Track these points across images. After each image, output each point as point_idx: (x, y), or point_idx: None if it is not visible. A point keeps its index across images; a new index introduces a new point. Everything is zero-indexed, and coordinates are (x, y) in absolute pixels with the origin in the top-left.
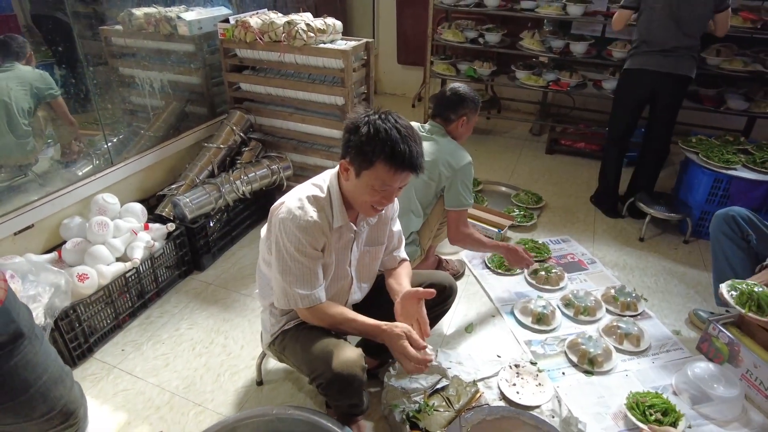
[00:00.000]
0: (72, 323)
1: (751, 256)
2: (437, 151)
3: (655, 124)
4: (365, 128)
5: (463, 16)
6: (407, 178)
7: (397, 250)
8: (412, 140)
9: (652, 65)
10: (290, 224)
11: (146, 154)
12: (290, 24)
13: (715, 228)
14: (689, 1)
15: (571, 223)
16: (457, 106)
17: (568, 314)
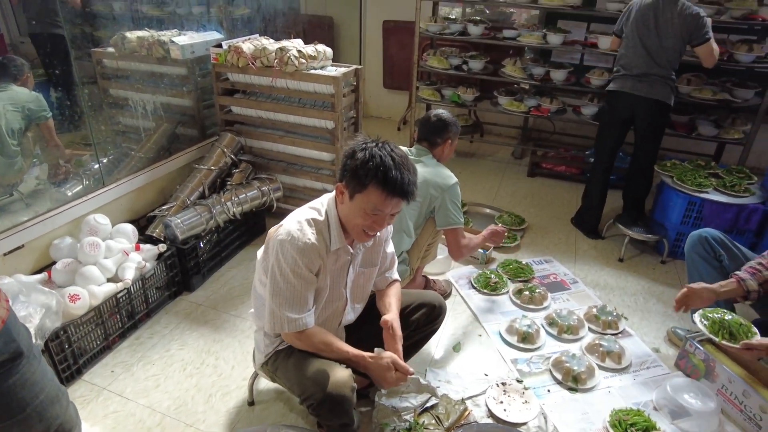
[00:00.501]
0: (62, 344)
1: (724, 275)
2: (426, 173)
3: (637, 148)
4: (361, 153)
5: (447, 43)
6: (399, 204)
7: (389, 270)
8: (405, 168)
9: (629, 88)
10: (288, 245)
11: (137, 175)
12: (282, 50)
13: (689, 249)
14: (657, 34)
15: (553, 243)
16: (442, 130)
17: (552, 333)
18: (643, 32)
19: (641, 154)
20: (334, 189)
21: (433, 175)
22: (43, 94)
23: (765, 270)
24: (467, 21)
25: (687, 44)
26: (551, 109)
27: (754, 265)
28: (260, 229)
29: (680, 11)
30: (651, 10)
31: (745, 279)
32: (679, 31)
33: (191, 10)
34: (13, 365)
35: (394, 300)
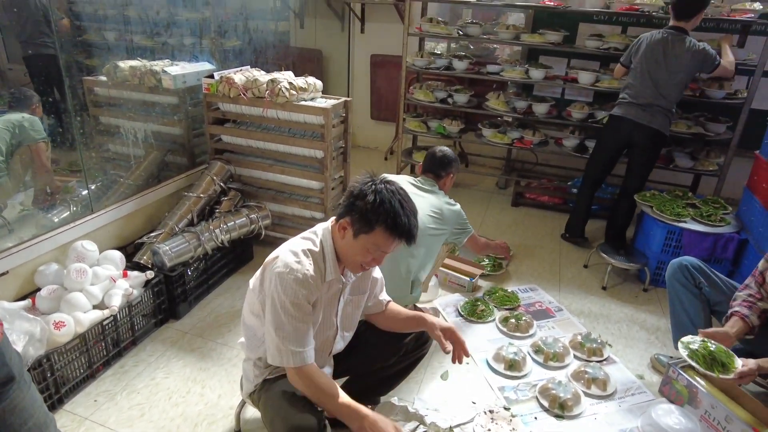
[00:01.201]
0: (44, 373)
1: (704, 302)
2: (440, 204)
3: (627, 176)
4: (372, 196)
5: (433, 77)
6: (399, 246)
7: (381, 294)
8: (412, 214)
9: (632, 115)
10: (288, 277)
11: (126, 202)
12: (273, 82)
13: (670, 276)
14: (667, 69)
15: (537, 272)
16: (446, 165)
17: (538, 360)
18: (652, 66)
19: (630, 182)
20: (323, 217)
21: (444, 204)
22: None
23: (758, 301)
24: (452, 56)
25: (699, 74)
26: (534, 141)
27: (746, 297)
28: (248, 257)
29: (688, 48)
30: (660, 45)
31: (747, 315)
32: (688, 66)
33: (183, 41)
34: (3, 390)
35: (402, 309)
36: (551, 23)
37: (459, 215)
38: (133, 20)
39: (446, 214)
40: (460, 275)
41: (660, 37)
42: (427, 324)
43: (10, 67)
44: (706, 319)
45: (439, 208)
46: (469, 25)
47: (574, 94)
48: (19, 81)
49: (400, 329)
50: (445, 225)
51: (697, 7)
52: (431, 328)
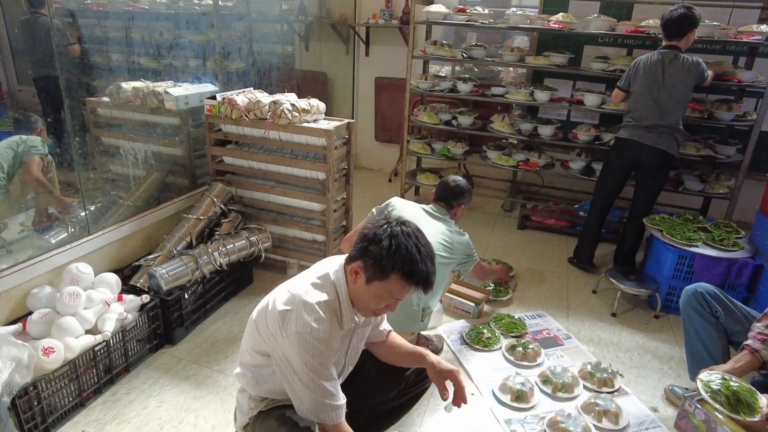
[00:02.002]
0: (30, 401)
1: (721, 332)
2: (451, 233)
3: (637, 196)
4: (387, 241)
5: (437, 100)
6: (414, 292)
7: (382, 323)
8: (429, 260)
9: (637, 137)
10: (310, 338)
11: (124, 224)
12: (276, 104)
13: (684, 304)
14: (667, 88)
15: (545, 297)
16: (459, 196)
17: (546, 391)
18: (652, 87)
19: (638, 205)
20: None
21: (454, 235)
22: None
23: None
24: (457, 79)
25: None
26: (539, 163)
27: (762, 329)
28: (248, 280)
29: (683, 63)
30: (658, 66)
31: (758, 349)
32: (685, 81)
33: (187, 62)
34: None
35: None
36: (556, 46)
37: (468, 245)
38: (138, 42)
39: (456, 243)
40: (465, 301)
41: (656, 58)
42: (427, 363)
43: (19, 89)
44: (723, 349)
45: (450, 236)
46: (474, 48)
47: (580, 117)
48: (27, 102)
49: (399, 363)
50: (455, 254)
51: (686, 26)
52: (432, 370)
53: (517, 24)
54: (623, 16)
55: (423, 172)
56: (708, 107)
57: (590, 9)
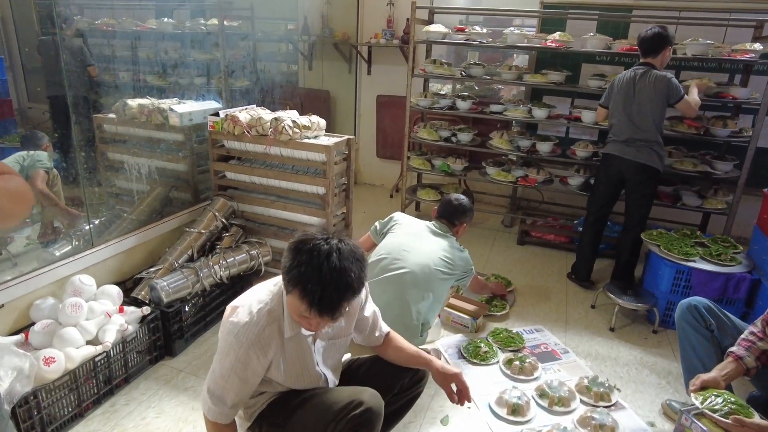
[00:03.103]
0: (30, 411)
1: (716, 345)
2: (452, 250)
3: (627, 209)
4: (300, 256)
5: (437, 117)
6: (325, 320)
7: (378, 329)
8: (334, 285)
9: (617, 152)
10: (242, 335)
11: (127, 237)
12: (277, 120)
13: (679, 317)
14: (637, 102)
15: (543, 312)
16: (461, 214)
17: (542, 405)
18: (625, 102)
19: (629, 219)
20: None
21: (458, 255)
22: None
23: (759, 341)
24: (456, 96)
25: (666, 105)
26: (538, 179)
27: (747, 336)
28: None
29: (650, 78)
30: (630, 82)
31: (742, 356)
32: (653, 95)
33: (192, 80)
34: None
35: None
36: (554, 64)
37: (467, 261)
38: (144, 60)
39: (457, 259)
40: (463, 315)
41: (630, 75)
42: (433, 368)
43: (29, 106)
44: (718, 362)
45: (451, 253)
46: (473, 66)
47: (578, 133)
48: (37, 119)
49: (404, 364)
50: (454, 270)
51: (660, 44)
52: (437, 375)
53: (515, 43)
54: (620, 34)
55: (423, 187)
56: (704, 123)
57: (587, 28)
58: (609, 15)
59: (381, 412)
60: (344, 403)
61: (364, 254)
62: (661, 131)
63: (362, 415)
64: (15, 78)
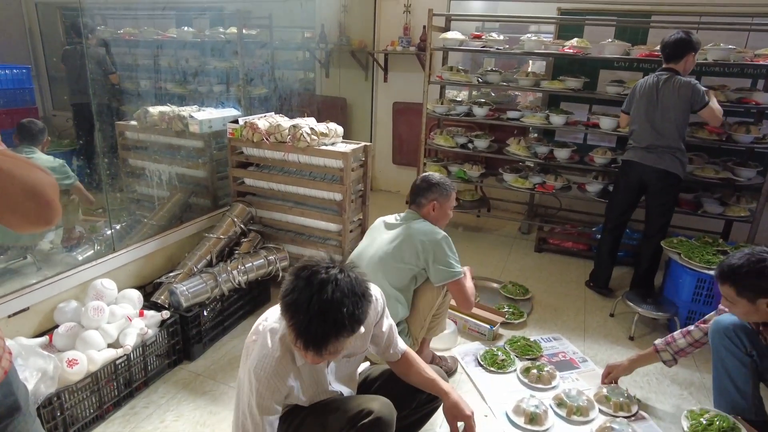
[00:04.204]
0: (54, 411)
1: (752, 370)
2: (407, 236)
3: (648, 217)
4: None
5: (454, 123)
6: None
7: (393, 346)
8: (320, 317)
9: (638, 158)
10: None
11: (147, 242)
12: (295, 127)
13: (715, 339)
14: (660, 108)
15: (561, 320)
16: (426, 191)
17: (560, 414)
18: (648, 108)
19: (649, 227)
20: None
21: (416, 234)
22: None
23: (681, 338)
24: (472, 103)
25: (690, 112)
26: (556, 186)
27: (675, 333)
28: (265, 299)
29: (674, 84)
30: (653, 87)
31: (660, 350)
32: (677, 102)
33: (212, 88)
34: (9, 420)
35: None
36: (572, 70)
37: (436, 244)
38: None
39: (417, 243)
40: (480, 323)
41: (652, 80)
42: (447, 401)
43: (54, 114)
44: (754, 388)
45: (407, 236)
46: (489, 73)
47: (597, 140)
48: (61, 126)
49: (418, 386)
50: (410, 257)
51: (684, 50)
52: (449, 411)
53: (532, 49)
54: (638, 40)
55: None
56: (726, 130)
57: (606, 34)
58: (627, 21)
59: (392, 422)
60: (354, 412)
61: (369, 290)
62: (683, 138)
63: (372, 424)
64: (41, 86)
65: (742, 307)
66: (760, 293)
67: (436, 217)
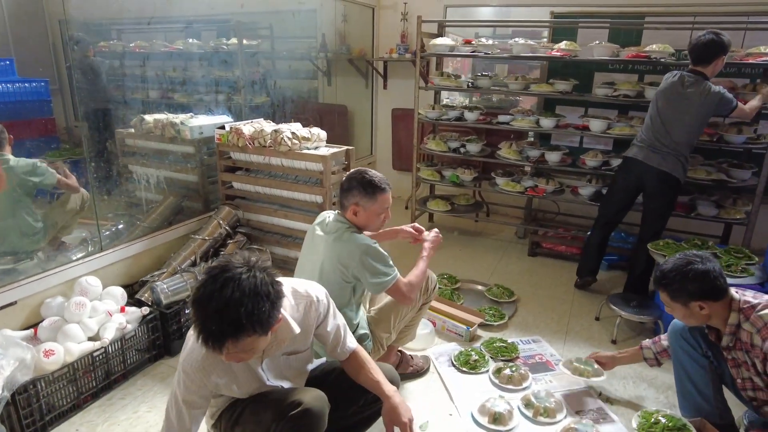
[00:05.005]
0: (29, 399)
1: (712, 372)
2: (328, 257)
3: (644, 219)
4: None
5: (449, 128)
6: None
7: (340, 346)
8: (216, 320)
9: (641, 156)
10: (186, 364)
11: (135, 243)
12: (277, 132)
13: (672, 340)
14: (678, 108)
15: (544, 323)
16: (346, 192)
17: (527, 415)
18: (663, 105)
19: (645, 230)
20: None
21: (337, 253)
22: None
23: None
24: (464, 108)
25: (715, 117)
26: (547, 189)
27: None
28: None
29: (702, 90)
30: (676, 86)
31: (643, 348)
32: (700, 109)
33: (216, 97)
34: None
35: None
36: (566, 73)
37: (359, 262)
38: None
39: (338, 265)
40: (457, 324)
41: (676, 79)
42: (386, 404)
43: (76, 125)
44: (715, 391)
45: (329, 257)
46: (479, 78)
47: (593, 143)
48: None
49: (362, 384)
50: (337, 277)
51: (714, 53)
52: (387, 411)
53: (520, 53)
54: (633, 42)
55: (434, 198)
56: (718, 130)
57: (600, 37)
58: (620, 22)
59: (321, 414)
60: (286, 403)
61: (280, 291)
62: (692, 145)
63: (301, 415)
64: (63, 98)
65: (679, 312)
66: (690, 296)
67: (361, 223)
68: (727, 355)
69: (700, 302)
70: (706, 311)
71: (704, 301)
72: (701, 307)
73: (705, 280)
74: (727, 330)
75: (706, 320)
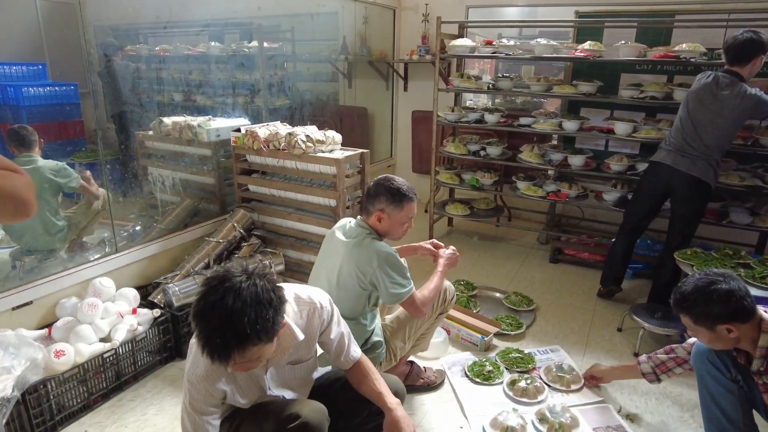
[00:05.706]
0: (40, 398)
1: (742, 398)
2: (347, 262)
3: (671, 226)
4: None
5: (470, 131)
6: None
7: (344, 354)
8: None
9: (670, 161)
10: (191, 374)
11: (150, 244)
12: (291, 135)
13: (697, 363)
14: (711, 111)
15: (564, 333)
16: (373, 198)
17: (540, 430)
18: (696, 107)
19: (673, 237)
20: None
21: (356, 259)
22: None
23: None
24: (484, 110)
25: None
26: (570, 194)
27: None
28: None
29: (738, 93)
30: (710, 87)
31: (641, 362)
32: (735, 113)
33: (238, 99)
34: None
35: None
36: (591, 74)
37: (378, 270)
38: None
39: (357, 272)
40: (472, 332)
41: (710, 80)
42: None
43: (108, 126)
44: (745, 416)
45: (347, 262)
46: (500, 79)
47: (618, 146)
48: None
49: (365, 395)
50: (354, 285)
51: (752, 53)
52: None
53: (542, 54)
54: (661, 41)
55: (453, 202)
56: (753, 134)
57: (627, 37)
58: (648, 21)
59: (321, 427)
60: (285, 415)
61: (282, 296)
62: (724, 150)
63: (299, 428)
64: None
65: (704, 336)
66: (716, 320)
67: (383, 229)
68: (758, 380)
69: (727, 325)
70: (734, 334)
71: (732, 323)
72: (729, 330)
73: (730, 301)
74: (758, 353)
75: (735, 344)
